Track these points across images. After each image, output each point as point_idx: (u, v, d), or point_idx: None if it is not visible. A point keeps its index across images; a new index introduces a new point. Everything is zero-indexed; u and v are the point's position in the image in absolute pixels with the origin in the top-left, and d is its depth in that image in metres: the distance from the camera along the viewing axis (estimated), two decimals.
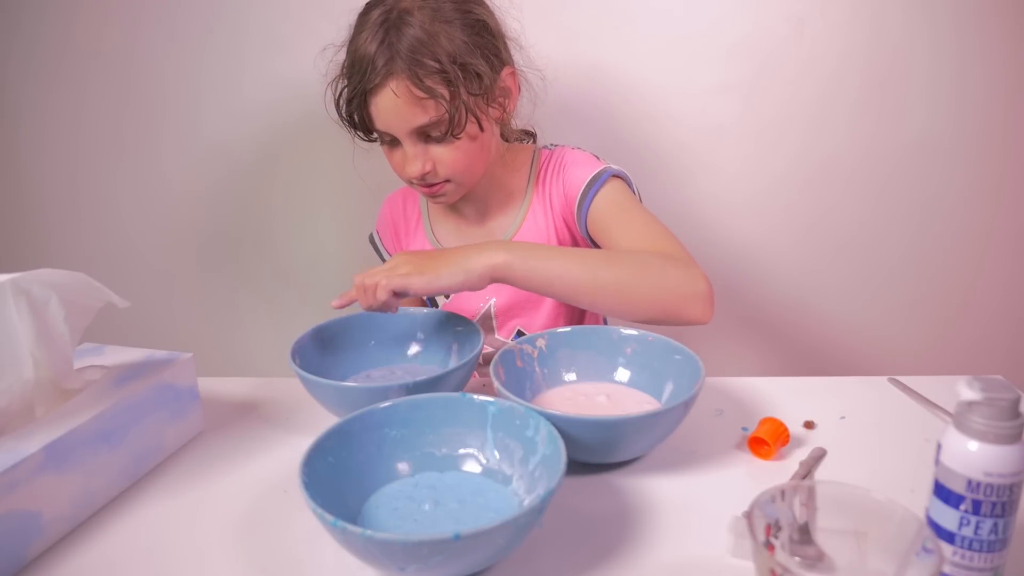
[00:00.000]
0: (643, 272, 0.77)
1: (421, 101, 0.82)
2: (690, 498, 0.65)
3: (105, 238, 1.40)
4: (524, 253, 0.76)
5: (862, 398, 0.80)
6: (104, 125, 1.34)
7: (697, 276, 0.77)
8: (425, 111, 0.83)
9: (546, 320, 0.98)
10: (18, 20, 1.28)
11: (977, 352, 1.38)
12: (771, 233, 1.33)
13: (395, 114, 0.84)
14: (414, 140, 0.86)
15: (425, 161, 0.87)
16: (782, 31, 1.21)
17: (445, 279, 0.73)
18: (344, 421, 0.63)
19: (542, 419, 0.62)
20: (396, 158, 0.89)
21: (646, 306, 0.76)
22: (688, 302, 0.76)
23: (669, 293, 0.76)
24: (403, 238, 1.07)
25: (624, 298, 0.76)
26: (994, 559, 0.49)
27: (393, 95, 0.82)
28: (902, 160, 1.27)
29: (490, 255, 0.74)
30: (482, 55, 0.85)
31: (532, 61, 0.95)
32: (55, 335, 0.64)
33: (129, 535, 0.63)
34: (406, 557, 0.49)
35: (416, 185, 0.91)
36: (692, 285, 0.77)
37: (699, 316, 0.77)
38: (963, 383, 0.48)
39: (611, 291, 0.76)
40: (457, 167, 0.88)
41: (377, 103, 0.84)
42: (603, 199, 0.89)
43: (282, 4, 1.23)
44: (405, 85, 0.82)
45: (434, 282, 0.73)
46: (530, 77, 0.95)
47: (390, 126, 0.85)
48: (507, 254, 0.75)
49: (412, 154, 0.86)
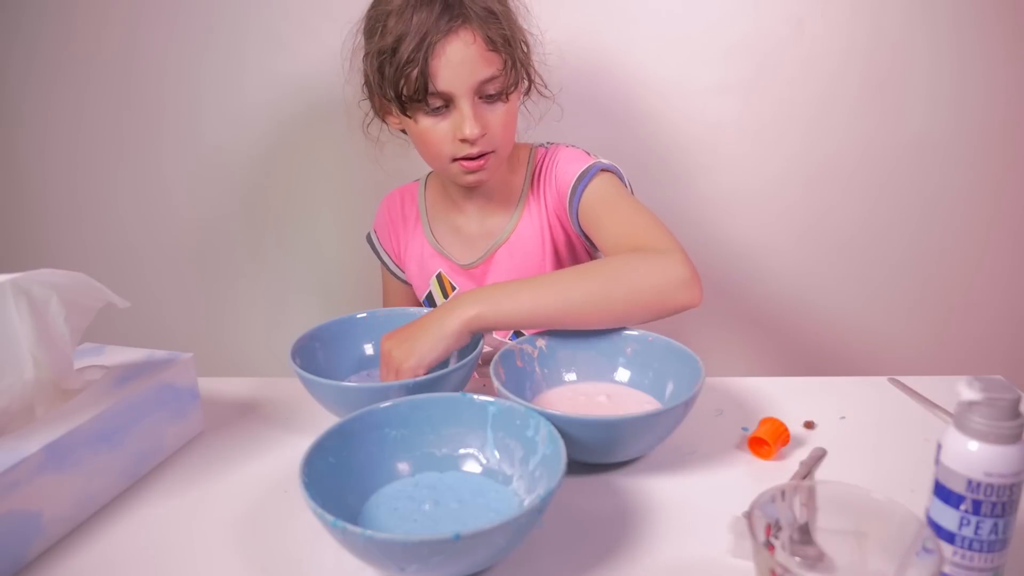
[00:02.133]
0: (614, 278, 0.76)
1: (489, 53, 0.83)
2: (690, 498, 0.65)
3: (105, 238, 1.40)
4: (492, 300, 0.75)
5: (862, 398, 0.80)
6: (104, 125, 1.34)
7: (674, 263, 0.76)
8: (492, 63, 0.84)
9: None
10: (18, 20, 1.28)
11: (977, 352, 1.38)
12: (771, 233, 1.33)
13: (465, 66, 0.83)
14: (473, 98, 0.85)
15: (484, 123, 0.86)
16: (782, 31, 1.21)
17: (428, 353, 0.74)
18: (344, 421, 0.63)
19: (542, 419, 0.62)
20: (442, 129, 0.86)
21: (627, 310, 0.76)
22: (666, 293, 0.75)
23: (646, 291, 0.75)
24: (401, 237, 1.07)
25: (603, 309, 0.76)
26: (994, 559, 0.49)
27: (467, 43, 0.82)
28: (902, 160, 1.27)
29: (460, 312, 0.74)
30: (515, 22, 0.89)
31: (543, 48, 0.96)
32: (55, 335, 0.64)
33: (129, 535, 0.63)
34: (406, 557, 0.49)
35: (459, 162, 0.88)
36: (668, 274, 0.76)
37: (684, 302, 0.76)
38: (963, 383, 0.48)
39: (587, 308, 0.76)
40: (507, 132, 0.89)
41: (447, 55, 0.82)
42: (592, 192, 0.90)
43: (282, 4, 1.23)
44: (476, 34, 0.82)
45: (423, 359, 0.74)
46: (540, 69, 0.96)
47: (456, 81, 0.83)
48: (477, 306, 0.75)
49: (471, 113, 0.84)
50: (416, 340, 0.75)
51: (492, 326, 0.75)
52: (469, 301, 0.75)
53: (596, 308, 0.76)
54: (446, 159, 0.88)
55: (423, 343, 0.74)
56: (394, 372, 0.75)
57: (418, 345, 0.74)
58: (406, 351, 0.74)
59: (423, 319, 0.77)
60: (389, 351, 0.76)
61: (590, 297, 0.76)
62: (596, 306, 0.76)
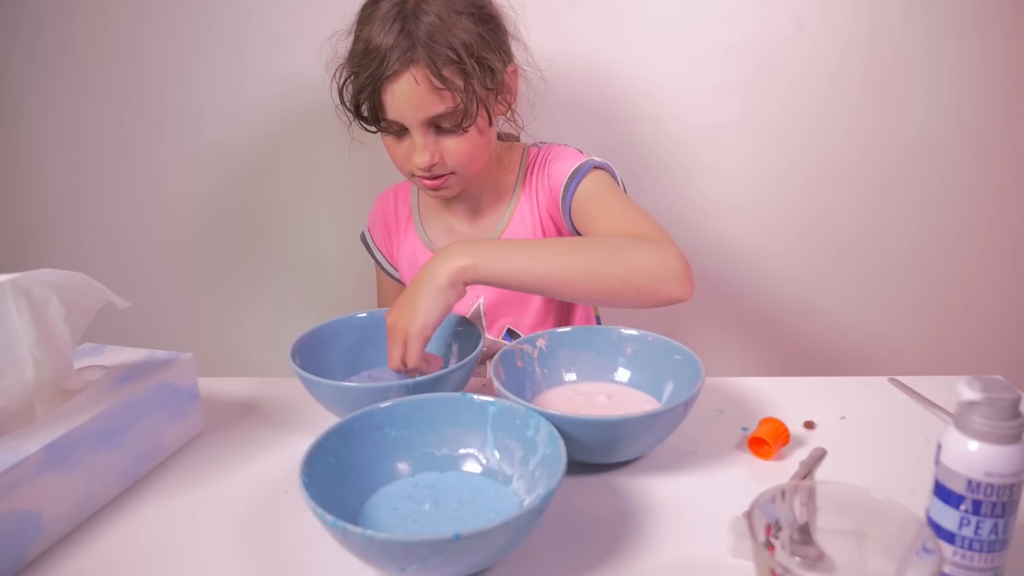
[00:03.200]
0: (612, 256, 0.76)
1: (438, 91, 0.83)
2: (690, 498, 0.65)
3: (105, 238, 1.40)
4: (485, 254, 0.75)
5: (862, 398, 0.80)
6: (104, 125, 1.34)
7: (670, 255, 0.76)
8: (441, 101, 0.83)
9: (535, 317, 0.99)
10: (18, 20, 1.28)
11: (977, 352, 1.38)
12: (771, 233, 1.33)
13: (411, 103, 0.83)
14: (425, 130, 0.86)
15: (434, 152, 0.87)
16: (782, 31, 1.21)
17: (430, 312, 0.73)
18: (344, 421, 0.63)
19: (542, 419, 0.62)
20: (401, 149, 0.89)
21: (619, 290, 0.76)
22: (661, 281, 0.75)
23: (641, 274, 0.75)
24: (394, 236, 1.07)
25: (595, 284, 0.76)
26: (994, 559, 0.49)
27: (411, 83, 0.82)
28: (902, 160, 1.27)
29: (450, 262, 0.74)
30: (493, 49, 0.86)
31: (535, 60, 0.95)
32: (55, 335, 0.64)
33: (129, 535, 0.63)
34: (406, 557, 0.49)
35: (418, 178, 0.90)
36: (665, 264, 0.76)
37: (677, 294, 0.76)
38: (963, 383, 0.48)
39: (581, 279, 0.75)
40: (464, 159, 0.88)
41: (393, 91, 0.83)
42: (584, 189, 0.90)
43: (282, 4, 1.23)
44: (424, 74, 0.82)
45: (427, 319, 0.73)
46: (530, 76, 0.95)
47: (403, 115, 0.85)
48: (467, 257, 0.74)
49: (422, 144, 0.86)
50: (414, 301, 0.74)
51: (481, 280, 0.74)
52: (459, 252, 0.74)
53: (589, 281, 0.75)
54: (406, 173, 0.92)
55: (421, 302, 0.73)
56: (402, 342, 0.74)
57: (417, 305, 0.73)
58: (408, 316, 0.74)
59: (415, 279, 0.76)
60: (394, 323, 0.75)
61: (585, 269, 0.75)
62: (589, 279, 0.75)
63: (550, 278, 0.75)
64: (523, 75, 0.94)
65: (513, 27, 0.92)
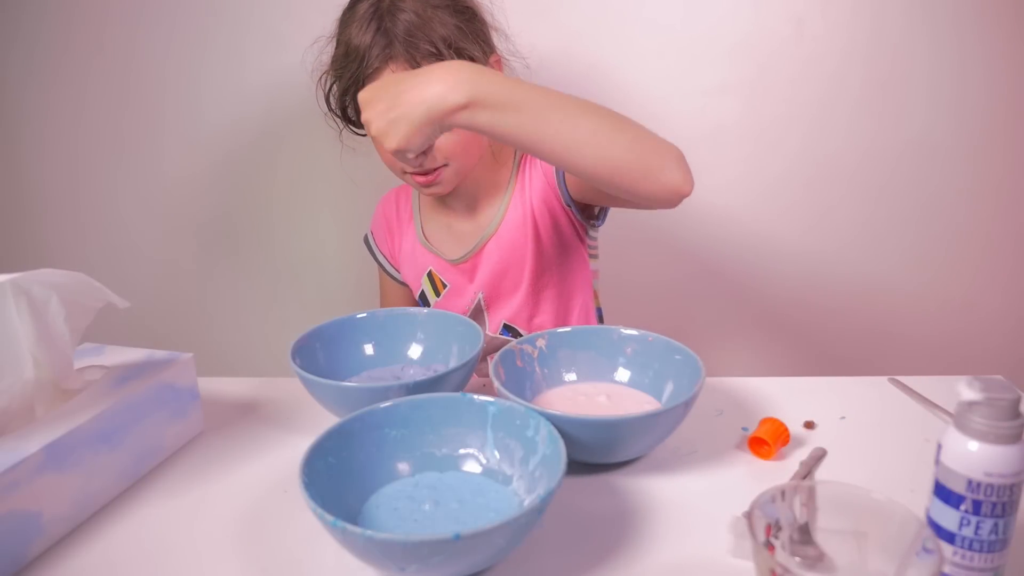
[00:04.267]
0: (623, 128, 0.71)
1: None
2: (690, 498, 0.65)
3: (105, 238, 1.40)
4: (492, 98, 0.67)
5: (862, 398, 0.80)
6: (104, 124, 1.34)
7: (675, 150, 0.73)
8: None
9: (532, 309, 0.99)
10: (18, 20, 1.28)
11: (977, 352, 1.38)
12: (772, 233, 1.33)
13: None
14: None
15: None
16: (782, 31, 1.21)
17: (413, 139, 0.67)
18: (344, 421, 0.63)
19: (542, 419, 0.62)
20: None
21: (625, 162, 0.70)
22: (667, 161, 0.71)
23: (650, 151, 0.71)
24: (396, 236, 1.08)
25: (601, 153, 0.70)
26: (994, 559, 0.49)
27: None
28: (903, 160, 1.27)
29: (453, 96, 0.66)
30: (472, 40, 0.87)
31: (517, 49, 0.96)
32: (55, 335, 0.64)
33: (129, 535, 0.63)
34: (406, 557, 0.49)
35: (411, 175, 0.90)
36: (669, 150, 0.72)
37: (674, 182, 0.71)
38: (963, 383, 0.48)
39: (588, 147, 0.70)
40: (456, 150, 0.88)
41: None
42: None
43: (282, 4, 1.23)
44: (403, 68, 0.83)
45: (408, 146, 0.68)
46: (515, 65, 0.96)
47: None
48: (472, 97, 0.66)
49: None
50: (400, 120, 0.67)
51: (477, 129, 0.69)
52: (465, 85, 0.66)
53: (593, 146, 0.70)
54: (398, 172, 0.91)
55: (405, 126, 0.67)
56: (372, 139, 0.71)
57: (401, 127, 0.67)
58: (387, 128, 0.68)
59: (410, 87, 0.68)
60: (370, 119, 0.69)
61: (594, 131, 0.69)
62: (594, 143, 0.70)
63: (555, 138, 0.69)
64: (507, 65, 0.95)
65: (491, 17, 0.92)
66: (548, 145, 0.70)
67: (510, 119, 0.68)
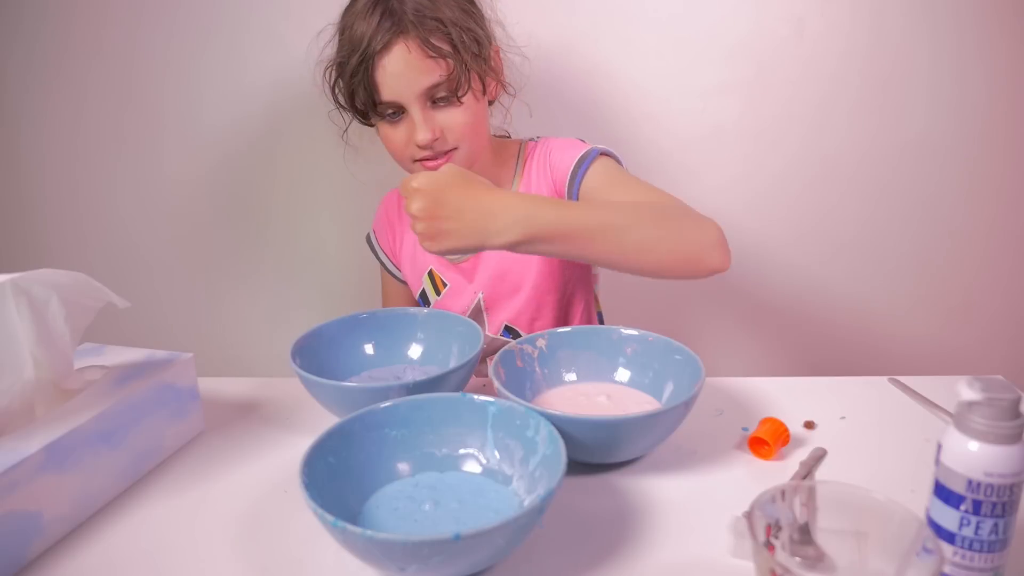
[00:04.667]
0: (664, 226, 0.76)
1: (431, 59, 0.84)
2: (690, 498, 0.65)
3: (105, 238, 1.40)
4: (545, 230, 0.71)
5: (862, 398, 0.80)
6: (104, 125, 1.33)
7: (711, 224, 0.77)
8: (435, 68, 0.85)
9: (533, 311, 0.99)
10: (18, 20, 1.28)
11: (977, 352, 1.38)
12: (771, 233, 1.33)
13: (405, 76, 0.84)
14: (422, 104, 0.86)
15: (434, 127, 0.87)
16: (782, 31, 1.21)
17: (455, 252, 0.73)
18: (344, 421, 0.63)
19: (542, 419, 0.62)
20: (399, 134, 0.89)
21: (668, 261, 0.75)
22: (706, 250, 0.75)
23: (689, 244, 0.75)
24: (397, 234, 1.08)
25: (648, 256, 0.75)
26: (994, 559, 0.49)
27: (404, 53, 0.83)
28: (903, 160, 1.27)
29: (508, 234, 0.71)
30: (476, 23, 0.88)
31: (514, 41, 0.97)
32: (55, 335, 0.64)
33: (129, 535, 0.63)
34: (406, 557, 0.49)
35: (420, 162, 0.90)
36: (708, 233, 0.76)
37: (718, 263, 0.76)
38: (963, 383, 0.48)
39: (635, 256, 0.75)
40: (465, 131, 0.89)
41: (385, 66, 0.84)
42: (594, 174, 0.90)
43: (282, 4, 1.23)
44: (416, 43, 0.83)
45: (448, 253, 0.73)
46: (513, 60, 0.97)
47: (398, 90, 0.85)
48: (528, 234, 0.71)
49: (421, 119, 0.86)
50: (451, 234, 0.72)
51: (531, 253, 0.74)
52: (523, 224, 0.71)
53: (643, 255, 0.75)
54: (409, 162, 0.91)
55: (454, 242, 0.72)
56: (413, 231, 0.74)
57: (449, 242, 0.72)
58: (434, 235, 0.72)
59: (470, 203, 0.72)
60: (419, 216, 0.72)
61: (642, 245, 0.74)
62: (643, 253, 0.75)
63: (606, 256, 0.75)
64: (505, 58, 0.95)
65: (490, 10, 0.93)
66: (599, 260, 0.76)
67: (559, 248, 0.73)
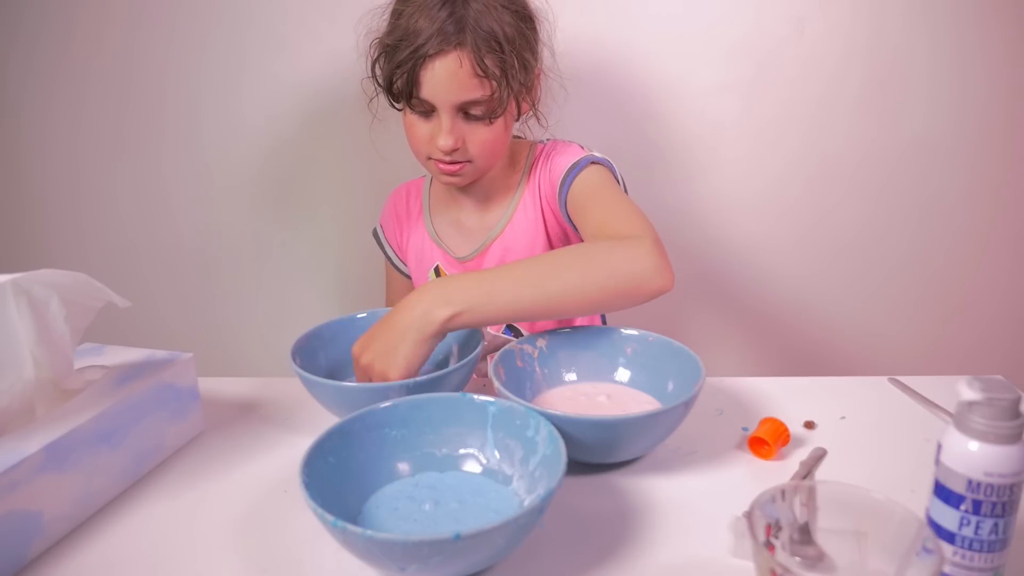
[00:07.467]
0: (589, 268, 0.75)
1: (478, 78, 0.84)
2: (690, 498, 0.65)
3: (105, 238, 1.40)
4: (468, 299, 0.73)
5: (862, 398, 0.80)
6: (104, 125, 1.33)
7: (644, 251, 0.75)
8: (479, 87, 0.85)
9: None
10: (18, 20, 1.28)
11: (977, 352, 1.38)
12: (771, 233, 1.33)
13: (449, 85, 0.84)
14: (454, 113, 0.86)
15: (458, 137, 0.87)
16: (782, 31, 1.21)
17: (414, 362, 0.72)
18: (344, 421, 0.63)
19: (542, 419, 0.62)
20: (424, 130, 0.89)
21: (603, 298, 0.75)
22: (641, 279, 0.74)
23: (620, 278, 0.74)
24: (405, 230, 1.08)
25: (578, 300, 0.74)
26: (994, 559, 0.49)
27: (455, 65, 0.83)
28: (902, 160, 1.27)
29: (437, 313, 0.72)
30: (528, 48, 0.89)
31: (560, 69, 0.97)
32: (55, 335, 0.64)
33: (129, 535, 0.63)
34: (406, 557, 0.49)
35: (434, 161, 0.91)
36: (640, 262, 0.74)
37: (658, 287, 0.74)
38: (963, 383, 0.48)
39: (563, 299, 0.74)
40: (485, 149, 0.89)
41: (434, 69, 0.84)
42: (580, 182, 0.91)
43: (282, 4, 1.23)
44: (470, 58, 0.83)
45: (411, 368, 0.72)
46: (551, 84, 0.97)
47: (438, 96, 0.85)
48: (451, 307, 0.72)
49: (448, 127, 0.86)
50: (396, 348, 0.72)
51: (469, 326, 0.74)
52: (442, 300, 0.73)
53: (572, 299, 0.75)
54: (423, 156, 0.92)
55: (404, 350, 0.72)
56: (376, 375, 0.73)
57: (399, 352, 0.72)
58: (388, 362, 0.72)
59: (394, 320, 0.74)
60: (369, 364, 0.73)
61: (565, 288, 0.74)
62: (571, 297, 0.74)
63: (535, 307, 0.74)
64: (545, 81, 0.95)
65: (546, 35, 0.93)
66: (535, 313, 0.75)
67: (490, 311, 0.73)
